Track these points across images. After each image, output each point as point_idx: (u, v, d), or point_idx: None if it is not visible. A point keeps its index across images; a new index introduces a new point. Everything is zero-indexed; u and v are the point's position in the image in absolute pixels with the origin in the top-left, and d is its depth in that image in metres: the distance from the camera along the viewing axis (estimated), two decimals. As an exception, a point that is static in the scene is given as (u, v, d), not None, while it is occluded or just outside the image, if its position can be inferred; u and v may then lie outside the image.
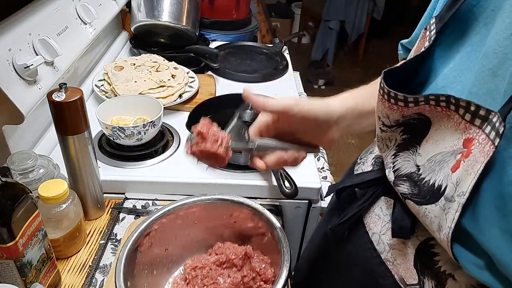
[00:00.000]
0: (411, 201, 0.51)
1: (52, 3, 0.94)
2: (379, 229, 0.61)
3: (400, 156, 0.53)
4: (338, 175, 2.34)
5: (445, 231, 0.45)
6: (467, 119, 0.42)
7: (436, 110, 0.45)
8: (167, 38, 1.42)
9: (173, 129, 1.02)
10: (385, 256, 0.59)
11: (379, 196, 0.63)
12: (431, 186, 0.47)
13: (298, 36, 4.11)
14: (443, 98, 0.43)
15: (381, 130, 0.55)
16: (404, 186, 0.52)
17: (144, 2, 1.33)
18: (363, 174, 0.68)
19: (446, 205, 0.44)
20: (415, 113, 0.48)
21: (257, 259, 0.66)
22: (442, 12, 0.51)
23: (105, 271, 0.70)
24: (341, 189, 0.69)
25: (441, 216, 0.45)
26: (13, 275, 0.57)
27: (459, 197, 0.42)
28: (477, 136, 0.41)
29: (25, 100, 0.77)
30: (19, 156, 0.69)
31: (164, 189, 0.87)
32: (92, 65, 1.27)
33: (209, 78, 1.27)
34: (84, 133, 0.70)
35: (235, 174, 0.89)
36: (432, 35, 0.50)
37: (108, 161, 0.90)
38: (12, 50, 0.77)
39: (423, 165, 0.48)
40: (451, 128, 0.44)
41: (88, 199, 0.77)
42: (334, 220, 0.68)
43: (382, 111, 0.52)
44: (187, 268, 0.67)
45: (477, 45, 0.46)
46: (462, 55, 0.48)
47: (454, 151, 0.44)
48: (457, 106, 0.42)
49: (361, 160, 0.75)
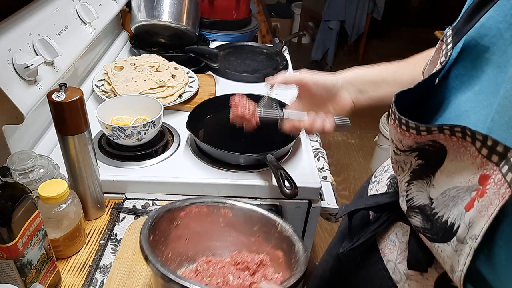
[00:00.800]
0: (423, 236, 0.48)
1: (52, 3, 0.94)
2: (395, 257, 0.57)
3: (414, 185, 0.49)
4: (338, 175, 2.34)
5: (457, 274, 0.41)
6: (484, 154, 0.37)
7: (452, 140, 0.41)
8: (167, 38, 1.42)
9: (173, 129, 1.02)
10: (402, 286, 0.56)
11: (394, 221, 0.59)
12: (444, 223, 0.43)
13: (298, 36, 4.10)
14: (458, 129, 0.39)
15: (395, 153, 0.51)
16: (417, 219, 0.48)
17: (144, 2, 1.33)
18: (377, 196, 0.63)
19: (458, 247, 0.40)
20: (429, 140, 0.44)
21: (271, 271, 0.65)
22: (458, 25, 0.47)
23: (105, 271, 0.70)
24: (353, 211, 0.65)
25: (453, 257, 0.41)
26: (13, 275, 0.57)
27: (471, 240, 0.39)
28: (494, 175, 0.36)
29: (25, 100, 0.77)
30: (19, 156, 0.69)
31: (164, 189, 0.87)
32: (92, 65, 1.27)
33: (209, 78, 1.27)
34: (84, 133, 0.70)
35: (235, 174, 0.89)
36: (448, 49, 0.46)
37: (108, 161, 0.90)
38: (12, 50, 0.77)
39: (437, 199, 0.44)
40: (467, 161, 0.40)
41: (88, 199, 0.77)
42: (346, 244, 0.65)
43: (395, 135, 0.49)
44: (201, 261, 0.67)
45: (504, 65, 0.41)
46: (490, 77, 0.43)
47: (469, 187, 0.40)
48: (473, 138, 0.38)
49: (375, 179, 0.71)
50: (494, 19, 0.43)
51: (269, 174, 0.88)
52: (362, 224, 0.65)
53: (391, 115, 0.48)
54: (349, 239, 0.66)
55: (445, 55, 0.46)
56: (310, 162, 0.94)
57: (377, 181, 0.70)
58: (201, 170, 0.90)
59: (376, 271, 0.60)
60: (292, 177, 0.80)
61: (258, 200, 0.87)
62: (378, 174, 0.72)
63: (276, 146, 0.89)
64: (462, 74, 0.47)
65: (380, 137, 2.40)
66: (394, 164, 0.53)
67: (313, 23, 3.98)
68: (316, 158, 1.05)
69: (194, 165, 0.91)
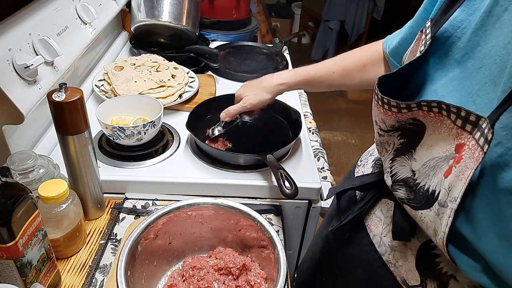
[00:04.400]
0: (408, 206, 0.51)
1: (52, 3, 0.94)
2: (380, 231, 0.61)
3: (397, 161, 0.53)
4: (338, 175, 2.34)
5: (440, 236, 0.45)
6: (458, 125, 0.42)
7: (429, 116, 0.45)
8: (167, 38, 1.42)
9: (173, 129, 1.02)
10: (387, 258, 0.59)
11: (380, 199, 0.63)
12: (426, 191, 0.47)
13: (298, 36, 4.11)
14: (434, 104, 0.43)
15: (378, 134, 0.55)
16: (401, 191, 0.52)
17: (144, 2, 1.33)
18: (363, 177, 0.68)
19: (440, 210, 0.44)
20: (409, 118, 0.48)
21: (254, 272, 0.67)
22: (436, 16, 0.51)
23: (105, 271, 0.70)
24: (341, 192, 0.69)
25: (436, 221, 0.45)
26: (13, 275, 0.57)
27: (451, 202, 0.42)
28: (468, 142, 0.41)
29: (25, 100, 0.77)
30: (19, 156, 0.69)
31: (164, 189, 0.87)
32: (92, 65, 1.27)
33: (209, 78, 1.27)
34: (84, 133, 0.70)
35: (235, 174, 0.89)
36: (427, 39, 0.50)
37: (108, 161, 0.90)
38: (12, 50, 0.77)
39: (418, 170, 0.48)
40: (444, 133, 0.44)
41: (88, 199, 0.77)
42: (335, 222, 0.68)
43: (378, 116, 0.52)
44: (186, 266, 0.68)
45: (471, 51, 0.46)
46: (460, 64, 0.47)
47: (447, 157, 0.44)
48: (449, 112, 0.42)
49: (361, 162, 0.75)
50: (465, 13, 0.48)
51: (269, 174, 0.88)
52: (349, 204, 0.69)
53: (374, 96, 0.52)
54: (337, 218, 0.69)
55: (424, 44, 0.50)
56: (310, 162, 0.94)
57: (362, 164, 0.74)
58: (201, 170, 0.90)
59: (363, 245, 0.64)
60: (292, 177, 0.80)
61: (258, 200, 0.87)
62: (364, 158, 0.76)
63: (276, 146, 0.89)
64: (437, 62, 0.51)
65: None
66: (378, 146, 0.58)
67: (313, 23, 3.98)
68: (316, 158, 1.05)
69: (194, 165, 0.91)
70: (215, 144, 0.95)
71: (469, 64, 0.46)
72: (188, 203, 0.68)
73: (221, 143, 0.96)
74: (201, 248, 0.73)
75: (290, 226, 0.91)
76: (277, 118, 1.07)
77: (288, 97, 1.18)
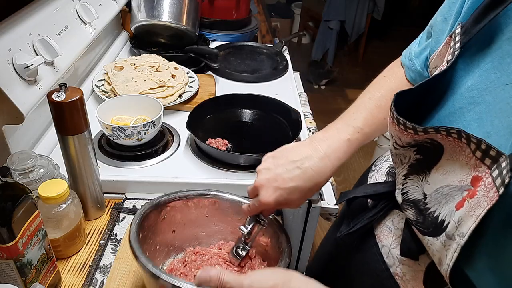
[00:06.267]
0: (415, 229, 0.49)
1: (52, 3, 0.94)
2: (390, 243, 0.59)
3: (410, 179, 0.50)
4: (338, 175, 2.33)
5: (444, 267, 0.43)
6: (478, 156, 0.39)
7: (448, 140, 0.42)
8: (167, 38, 1.42)
9: (173, 129, 1.02)
10: (394, 270, 0.57)
11: (391, 209, 0.61)
12: (435, 218, 0.44)
13: (298, 36, 4.11)
14: (453, 131, 0.40)
15: (394, 147, 0.52)
16: (410, 212, 0.50)
17: (144, 2, 1.33)
18: (376, 185, 0.65)
19: (447, 242, 0.42)
20: (427, 138, 0.45)
21: (257, 260, 0.66)
22: (467, 24, 0.46)
23: (105, 271, 0.70)
24: (352, 198, 0.67)
25: (442, 251, 0.43)
26: (13, 275, 0.57)
27: (459, 237, 0.40)
28: (485, 178, 0.38)
29: (25, 100, 0.77)
30: (19, 156, 0.69)
31: (164, 189, 0.86)
32: (92, 65, 1.27)
33: (209, 78, 1.27)
34: (84, 133, 0.70)
35: (235, 174, 0.89)
36: (456, 48, 0.46)
37: (108, 161, 0.90)
38: (12, 50, 0.77)
39: (430, 195, 0.46)
40: (462, 161, 0.41)
41: (88, 199, 0.77)
42: (344, 228, 0.67)
43: (394, 132, 0.50)
44: (188, 252, 0.68)
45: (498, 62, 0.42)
46: (482, 73, 0.44)
47: (461, 187, 0.41)
48: (468, 140, 0.39)
49: (375, 168, 0.73)
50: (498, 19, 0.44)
51: (269, 174, 0.88)
52: (360, 210, 0.67)
53: (390, 114, 0.49)
54: (346, 224, 0.68)
55: (452, 53, 0.47)
56: (310, 162, 0.94)
57: (377, 170, 0.71)
58: (201, 170, 0.90)
59: (371, 255, 0.62)
60: (292, 177, 0.80)
61: (258, 200, 0.87)
62: (378, 163, 0.73)
63: (276, 146, 0.89)
64: (460, 69, 0.47)
65: (380, 137, 2.39)
66: (393, 157, 0.55)
67: (313, 23, 3.98)
68: (316, 158, 1.05)
69: (194, 165, 0.91)
70: (215, 144, 0.94)
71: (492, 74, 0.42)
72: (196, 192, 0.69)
73: (221, 143, 0.96)
74: (201, 243, 0.73)
75: (290, 226, 0.91)
76: (277, 118, 1.07)
77: (288, 97, 1.18)
